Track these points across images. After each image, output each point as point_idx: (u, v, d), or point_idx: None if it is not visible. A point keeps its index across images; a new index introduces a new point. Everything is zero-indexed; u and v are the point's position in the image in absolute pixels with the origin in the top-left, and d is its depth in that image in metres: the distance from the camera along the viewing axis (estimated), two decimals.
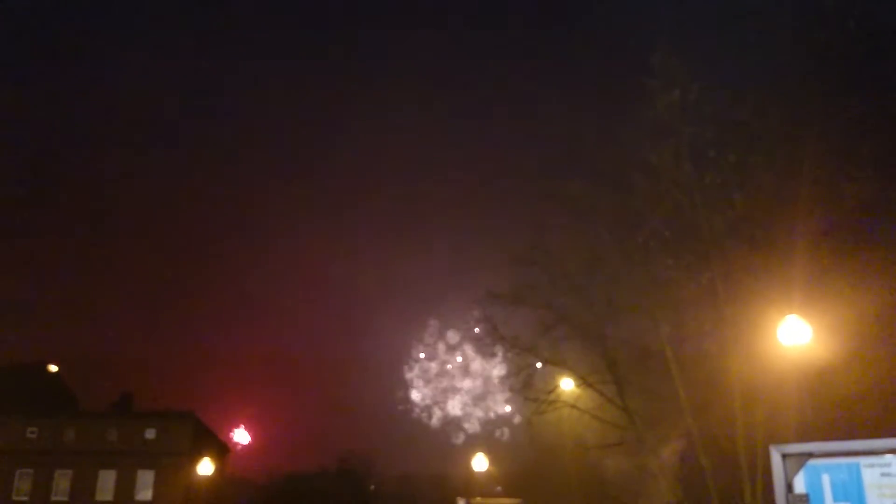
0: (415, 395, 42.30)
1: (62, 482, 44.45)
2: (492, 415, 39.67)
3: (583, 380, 25.47)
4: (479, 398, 40.79)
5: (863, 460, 4.90)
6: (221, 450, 51.87)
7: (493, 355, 28.76)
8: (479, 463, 33.71)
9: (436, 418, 41.93)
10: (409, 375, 42.92)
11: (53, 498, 43.90)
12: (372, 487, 58.48)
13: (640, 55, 20.14)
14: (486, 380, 40.41)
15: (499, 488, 36.64)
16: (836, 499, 4.96)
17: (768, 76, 18.27)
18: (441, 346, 42.52)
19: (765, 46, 18.45)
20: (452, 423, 41.16)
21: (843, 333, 15.62)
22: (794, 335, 14.73)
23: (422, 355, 43.08)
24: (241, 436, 41.22)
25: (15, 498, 43.76)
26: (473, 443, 35.65)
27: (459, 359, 41.96)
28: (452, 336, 41.86)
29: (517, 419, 35.22)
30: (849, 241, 16.66)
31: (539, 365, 25.03)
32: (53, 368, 51.27)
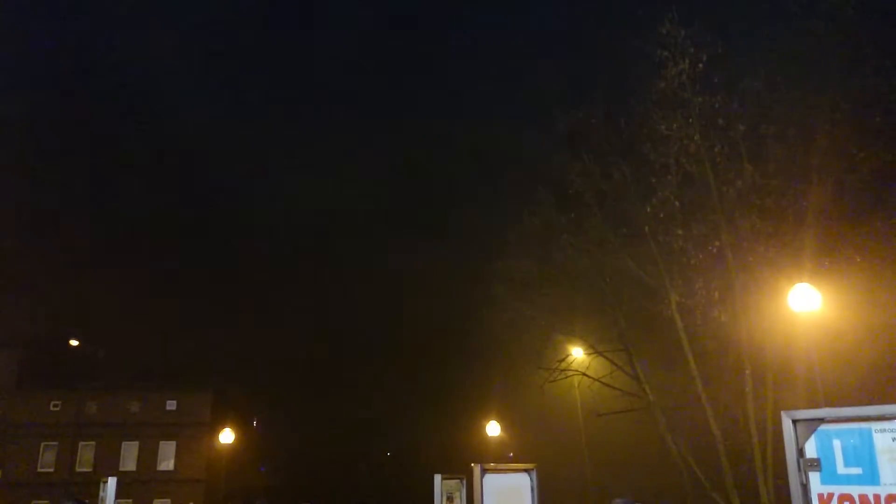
0: None
1: (86, 454, 45.46)
2: None
3: (593, 348, 25.87)
4: None
5: (874, 425, 4.96)
6: (241, 419, 52.97)
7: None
8: (492, 429, 34.43)
9: None
10: None
11: (78, 469, 44.99)
12: (388, 454, 59.59)
13: (648, 24, 19.95)
14: None
15: (510, 454, 37.31)
16: (846, 464, 5.04)
17: (779, 44, 18.15)
18: None
19: (776, 13, 18.29)
20: None
21: (853, 300, 15.80)
22: (805, 302, 14.94)
23: None
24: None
25: (40, 470, 44.89)
26: (487, 409, 36.25)
27: None
28: None
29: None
30: (860, 210, 16.73)
31: None
32: (75, 342, 52.12)
